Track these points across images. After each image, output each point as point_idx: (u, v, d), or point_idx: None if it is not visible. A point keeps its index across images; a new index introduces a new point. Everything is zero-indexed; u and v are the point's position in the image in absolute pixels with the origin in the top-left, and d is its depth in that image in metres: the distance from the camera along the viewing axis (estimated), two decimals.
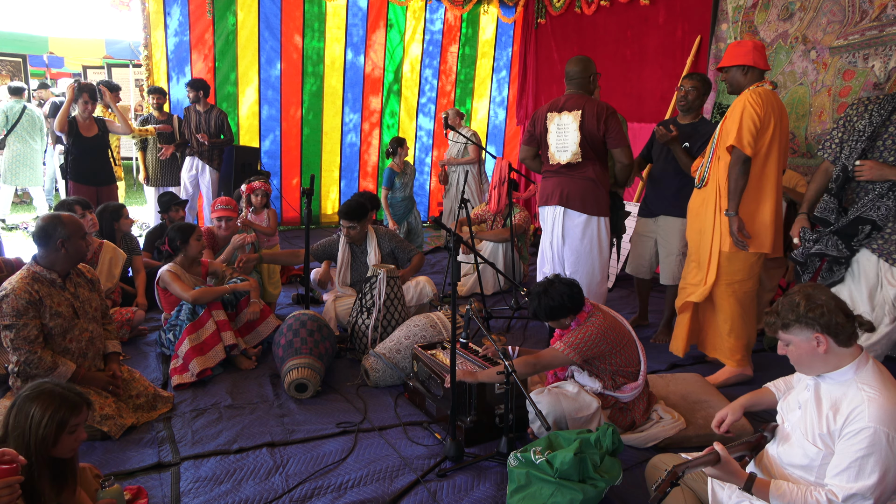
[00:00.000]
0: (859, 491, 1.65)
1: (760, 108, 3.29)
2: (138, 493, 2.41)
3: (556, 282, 2.84)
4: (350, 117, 8.01)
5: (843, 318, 1.76)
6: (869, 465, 1.65)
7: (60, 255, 2.77)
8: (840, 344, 1.78)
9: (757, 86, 3.39)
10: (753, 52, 3.40)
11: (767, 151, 3.36)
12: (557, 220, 3.86)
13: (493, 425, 2.94)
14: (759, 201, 3.40)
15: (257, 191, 4.63)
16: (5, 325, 2.66)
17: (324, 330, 3.59)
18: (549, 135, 3.85)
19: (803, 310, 1.79)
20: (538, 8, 7.96)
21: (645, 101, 6.38)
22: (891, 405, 1.68)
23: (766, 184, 3.40)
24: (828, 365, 1.82)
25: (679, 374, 3.52)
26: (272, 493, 2.50)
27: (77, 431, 1.92)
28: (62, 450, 1.89)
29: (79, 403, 1.92)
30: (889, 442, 1.64)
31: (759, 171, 3.39)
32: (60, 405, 1.87)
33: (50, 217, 2.78)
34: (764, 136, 3.32)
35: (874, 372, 1.78)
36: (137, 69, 8.93)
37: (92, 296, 2.99)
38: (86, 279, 3.00)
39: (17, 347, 2.68)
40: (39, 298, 2.71)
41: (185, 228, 3.91)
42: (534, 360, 2.78)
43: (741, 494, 1.92)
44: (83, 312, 2.90)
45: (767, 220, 3.40)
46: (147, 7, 6.49)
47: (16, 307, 2.64)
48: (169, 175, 6.40)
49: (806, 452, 1.82)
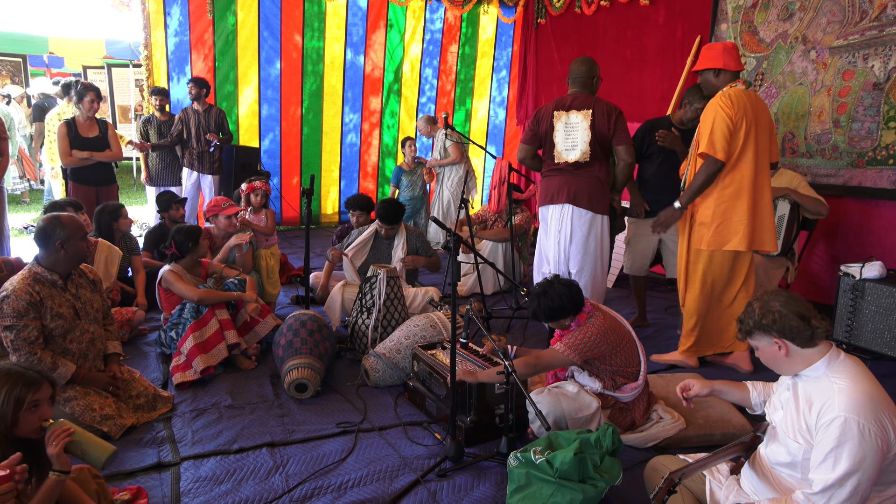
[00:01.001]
0: (835, 481, 1.67)
1: (731, 109, 3.36)
2: (138, 493, 2.41)
3: (556, 283, 2.84)
4: (350, 117, 8.01)
5: (797, 322, 1.81)
6: (843, 455, 1.67)
7: (60, 255, 2.77)
8: (801, 346, 1.83)
9: (730, 86, 3.44)
10: (724, 55, 3.46)
11: (741, 152, 3.43)
12: (565, 218, 3.87)
13: (493, 425, 2.94)
14: (732, 200, 3.47)
15: (257, 191, 4.63)
16: (5, 325, 2.65)
17: (324, 330, 3.59)
18: (555, 133, 3.86)
19: (758, 317, 1.87)
20: (538, 8, 7.96)
21: (645, 101, 6.38)
22: (860, 394, 1.71)
23: (739, 183, 3.46)
24: (795, 365, 1.87)
25: (679, 374, 3.53)
26: (272, 493, 2.50)
27: (40, 409, 1.91)
28: (25, 428, 1.88)
29: (37, 379, 1.92)
30: (861, 430, 1.66)
31: (731, 171, 3.46)
32: (17, 382, 1.87)
33: (49, 218, 2.78)
34: (737, 137, 3.40)
35: (846, 365, 1.81)
36: (137, 69, 8.93)
37: (94, 297, 2.99)
38: (88, 280, 3.00)
39: (17, 348, 2.67)
40: (40, 300, 2.71)
41: (193, 231, 3.91)
42: (534, 361, 2.78)
43: (738, 494, 1.94)
44: (84, 313, 2.90)
45: (742, 218, 3.46)
46: (147, 7, 6.49)
47: (16, 308, 2.64)
48: (170, 175, 6.40)
49: (789, 450, 1.85)
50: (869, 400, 1.70)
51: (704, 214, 3.55)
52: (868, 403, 1.69)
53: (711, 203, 3.51)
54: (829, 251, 4.79)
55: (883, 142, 4.32)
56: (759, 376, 3.64)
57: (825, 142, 4.70)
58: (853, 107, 4.49)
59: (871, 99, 4.36)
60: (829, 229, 4.71)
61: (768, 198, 3.51)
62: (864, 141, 4.43)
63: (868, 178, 4.42)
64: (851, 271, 3.89)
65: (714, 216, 3.50)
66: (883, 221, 4.41)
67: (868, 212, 4.49)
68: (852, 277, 3.87)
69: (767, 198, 3.50)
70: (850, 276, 3.89)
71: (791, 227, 4.16)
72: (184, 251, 3.87)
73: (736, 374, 3.70)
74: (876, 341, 3.74)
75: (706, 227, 3.54)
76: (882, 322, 3.71)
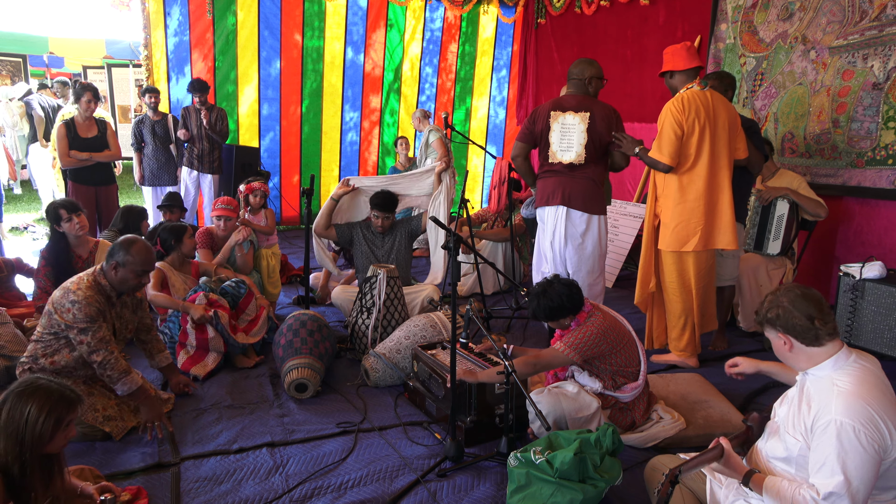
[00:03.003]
0: (836, 489, 1.66)
1: (682, 114, 3.43)
2: (138, 493, 2.41)
3: (555, 282, 2.84)
4: (350, 116, 8.01)
5: (803, 321, 1.80)
6: (841, 460, 1.66)
7: (111, 275, 2.83)
8: (806, 344, 1.82)
9: (686, 88, 3.49)
10: (673, 57, 3.55)
11: (696, 154, 3.50)
12: (560, 220, 3.88)
13: (493, 425, 2.94)
14: (690, 202, 3.55)
15: (256, 191, 4.63)
16: (81, 328, 2.71)
17: (324, 330, 3.59)
18: (551, 133, 3.86)
19: (764, 311, 1.89)
20: (538, 8, 7.97)
21: (645, 101, 6.39)
22: (857, 399, 1.69)
23: (696, 185, 3.53)
24: (800, 362, 1.87)
25: (679, 374, 3.53)
26: (272, 493, 2.50)
27: (69, 427, 1.92)
28: (55, 446, 1.90)
29: (74, 400, 1.93)
30: (857, 434, 1.65)
31: (687, 173, 3.54)
32: (57, 403, 1.87)
33: (126, 239, 2.85)
34: (689, 141, 3.47)
35: (854, 367, 1.79)
36: (137, 69, 8.94)
37: (132, 318, 3.06)
38: (134, 300, 3.07)
39: (95, 349, 2.73)
40: (102, 309, 2.80)
41: (177, 228, 3.96)
42: (534, 361, 2.78)
43: (738, 493, 1.94)
44: (119, 334, 2.96)
45: (700, 219, 3.54)
46: (147, 7, 6.49)
47: (88, 314, 2.71)
48: (165, 175, 6.35)
49: (787, 445, 1.85)
50: (866, 403, 1.68)
51: (665, 215, 3.65)
52: (865, 407, 1.67)
53: (671, 204, 3.60)
54: (829, 251, 4.79)
55: (882, 142, 4.32)
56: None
57: (824, 142, 4.70)
58: (852, 107, 4.49)
59: (871, 99, 4.37)
60: (829, 229, 4.71)
61: (727, 196, 3.56)
62: (864, 141, 4.43)
63: (867, 178, 4.42)
64: (851, 271, 3.89)
65: (673, 217, 3.59)
66: (883, 221, 4.41)
67: (868, 212, 4.50)
68: (852, 277, 3.87)
69: (726, 196, 3.56)
70: (850, 276, 3.89)
71: (790, 227, 4.16)
72: (167, 248, 3.92)
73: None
74: (876, 341, 3.74)
75: (667, 228, 3.64)
76: (882, 322, 3.71)
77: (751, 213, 4.28)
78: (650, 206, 3.79)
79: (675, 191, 3.58)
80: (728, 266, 4.00)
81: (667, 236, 3.64)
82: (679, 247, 3.60)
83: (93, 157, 5.31)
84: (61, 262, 3.78)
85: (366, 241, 4.44)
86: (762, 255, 4.28)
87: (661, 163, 3.51)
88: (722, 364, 3.83)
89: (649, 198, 3.82)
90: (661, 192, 3.69)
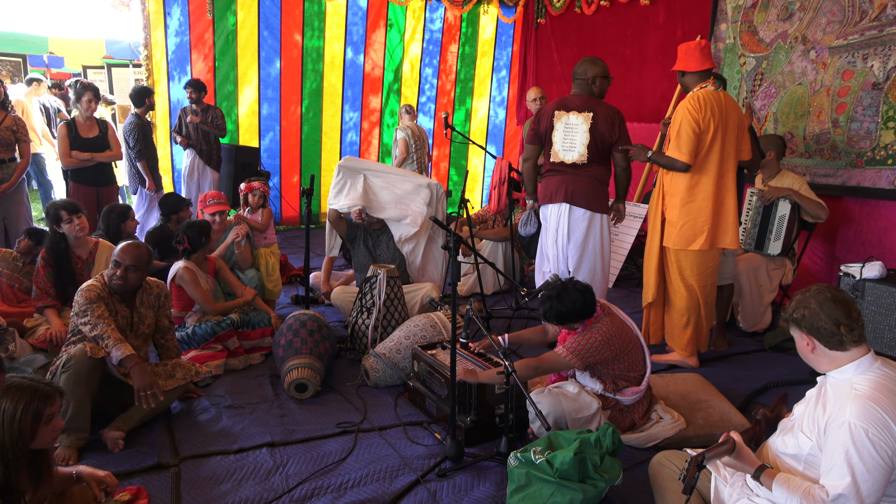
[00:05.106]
0: (844, 490, 1.65)
1: (698, 112, 3.44)
2: (138, 493, 2.41)
3: (571, 287, 2.79)
4: (350, 116, 8.01)
5: (828, 324, 1.79)
6: (851, 463, 1.65)
7: (111, 273, 2.97)
8: (830, 347, 1.81)
9: (700, 87, 3.50)
10: (686, 56, 3.56)
11: (707, 153, 3.51)
12: (563, 217, 3.88)
13: (493, 425, 2.94)
14: (697, 201, 3.56)
15: (255, 191, 4.63)
16: (81, 311, 2.85)
17: (324, 330, 3.59)
18: (554, 132, 3.87)
19: (791, 311, 1.88)
20: (538, 8, 7.97)
21: (645, 101, 6.39)
22: (871, 403, 1.68)
23: (704, 184, 3.54)
24: (821, 364, 1.86)
25: (679, 374, 3.53)
26: (272, 493, 2.50)
27: (54, 421, 1.89)
28: (41, 441, 1.87)
29: (50, 393, 1.89)
30: (870, 438, 1.64)
31: (696, 172, 3.54)
32: (32, 397, 1.84)
33: (131, 243, 3.02)
34: (704, 139, 3.48)
35: (877, 373, 1.77)
36: (137, 69, 8.92)
37: (148, 314, 3.13)
38: (153, 296, 3.16)
39: (94, 324, 2.83)
40: (102, 296, 2.93)
41: (203, 226, 3.94)
42: (535, 364, 2.78)
43: (742, 492, 1.93)
44: (136, 328, 3.07)
45: (707, 218, 3.55)
46: (147, 7, 6.49)
47: (88, 297, 2.87)
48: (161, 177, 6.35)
49: (798, 442, 1.85)
50: (881, 408, 1.67)
51: (672, 214, 3.65)
52: (878, 411, 1.66)
53: (678, 203, 3.60)
54: (829, 251, 4.79)
55: (882, 142, 4.32)
56: (759, 375, 3.64)
57: (824, 142, 4.70)
58: (852, 107, 4.49)
59: (871, 99, 4.37)
60: (829, 229, 4.71)
61: (732, 196, 3.58)
62: (863, 141, 4.43)
63: (867, 178, 4.42)
64: (851, 271, 3.89)
65: (680, 216, 3.59)
66: (882, 221, 4.41)
67: (868, 212, 4.50)
68: (852, 277, 3.87)
69: (732, 196, 3.58)
70: (850, 276, 3.89)
71: (791, 228, 4.17)
72: (196, 246, 3.88)
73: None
74: (876, 341, 3.74)
75: (674, 227, 3.64)
76: (882, 322, 3.71)
77: (751, 213, 4.29)
78: (656, 205, 3.77)
79: (683, 190, 3.57)
80: (727, 264, 4.00)
81: (673, 235, 3.64)
82: (685, 245, 3.61)
83: (94, 157, 5.31)
84: (61, 262, 3.78)
85: (367, 240, 4.47)
86: (763, 255, 4.28)
87: (680, 161, 3.48)
88: (722, 364, 3.87)
89: (655, 196, 3.81)
90: (668, 190, 3.67)
